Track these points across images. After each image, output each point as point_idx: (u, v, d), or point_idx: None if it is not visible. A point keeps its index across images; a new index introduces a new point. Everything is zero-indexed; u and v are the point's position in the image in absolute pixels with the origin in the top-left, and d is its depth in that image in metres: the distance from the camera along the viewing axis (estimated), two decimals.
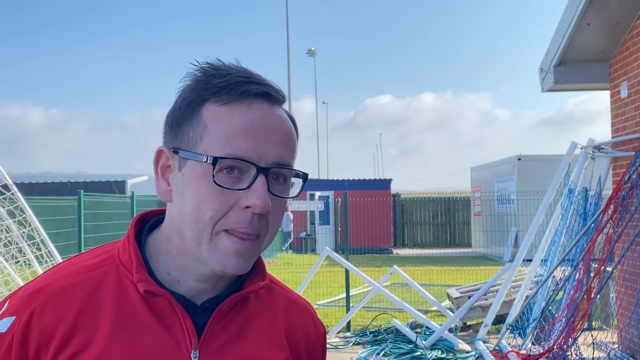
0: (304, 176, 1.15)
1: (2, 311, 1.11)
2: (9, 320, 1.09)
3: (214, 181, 1.05)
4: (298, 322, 1.26)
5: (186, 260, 1.12)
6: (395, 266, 9.78)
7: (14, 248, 8.18)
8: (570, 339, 6.37)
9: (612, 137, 7.64)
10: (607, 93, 7.86)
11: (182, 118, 1.11)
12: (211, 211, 1.06)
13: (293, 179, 1.15)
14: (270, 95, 1.11)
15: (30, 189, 23.29)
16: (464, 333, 9.05)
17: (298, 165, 1.15)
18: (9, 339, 1.08)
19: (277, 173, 1.10)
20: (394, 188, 28.15)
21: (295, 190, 1.15)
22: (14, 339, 1.08)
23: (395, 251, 24.41)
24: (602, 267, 6.34)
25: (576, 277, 6.75)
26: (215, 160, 1.05)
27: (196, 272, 1.12)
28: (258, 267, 1.20)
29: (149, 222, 1.22)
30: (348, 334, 9.33)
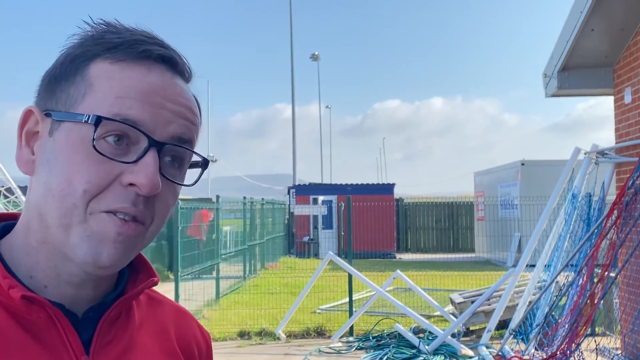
0: (205, 162, 0.95)
1: None
2: None
3: (94, 146, 0.84)
4: (188, 331, 1.09)
5: (50, 255, 0.89)
6: (398, 271, 9.78)
7: None
8: (573, 344, 6.36)
9: (616, 143, 7.64)
10: (612, 99, 7.86)
11: (61, 75, 0.90)
12: (85, 184, 0.84)
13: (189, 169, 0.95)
14: (175, 63, 0.92)
15: None
16: (467, 338, 9.03)
17: (303, 167, 0.99)
18: None
19: (173, 153, 0.90)
20: (398, 192, 28.15)
21: (191, 178, 0.95)
22: None
23: (398, 256, 24.37)
24: (606, 273, 6.33)
25: (579, 283, 6.74)
26: (98, 119, 0.84)
27: (64, 272, 0.89)
28: (142, 265, 1.00)
29: None
30: (351, 338, 9.33)
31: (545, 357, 6.58)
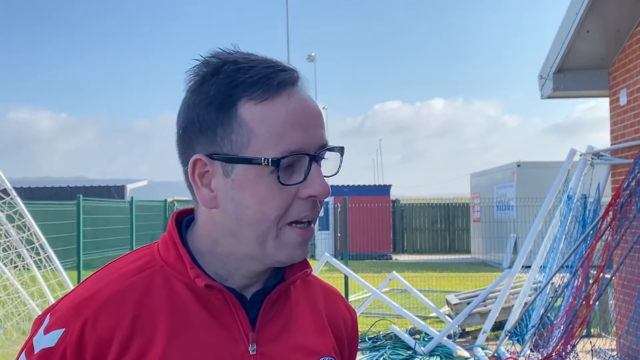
0: (341, 150, 1.14)
1: (45, 325, 1.06)
2: (57, 333, 1.04)
3: (280, 182, 1.04)
4: (336, 308, 1.28)
5: (238, 260, 1.11)
6: (394, 272, 9.78)
7: (12, 252, 8.19)
8: (568, 345, 6.37)
9: (611, 144, 7.65)
10: (608, 100, 7.87)
11: (214, 122, 1.06)
12: (275, 210, 1.06)
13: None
14: (298, 80, 1.10)
15: (29, 193, 23.27)
16: (463, 339, 9.04)
17: None
18: (61, 351, 1.03)
19: (322, 157, 1.10)
20: (396, 194, 28.18)
21: (335, 166, 1.14)
22: (67, 352, 1.03)
23: (394, 257, 24.38)
24: (601, 274, 6.34)
25: (575, 284, 6.75)
26: (277, 161, 1.04)
27: (246, 269, 1.12)
28: None
29: (183, 220, 1.19)
30: None
31: (540, 358, 6.59)
